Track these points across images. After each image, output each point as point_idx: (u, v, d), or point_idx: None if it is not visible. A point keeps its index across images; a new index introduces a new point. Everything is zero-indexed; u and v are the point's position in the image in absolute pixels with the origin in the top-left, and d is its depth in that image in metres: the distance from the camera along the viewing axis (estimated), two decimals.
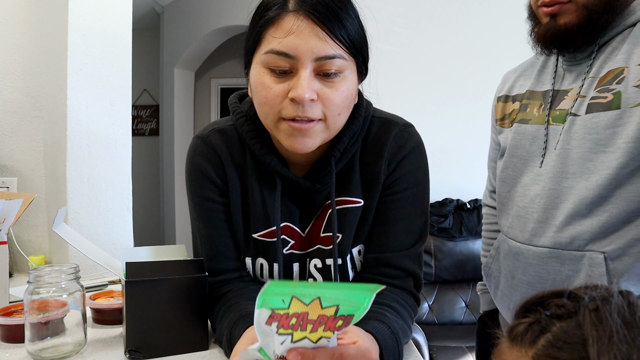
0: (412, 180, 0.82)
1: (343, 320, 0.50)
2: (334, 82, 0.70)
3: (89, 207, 1.53)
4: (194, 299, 0.77)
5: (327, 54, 0.68)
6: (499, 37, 2.88)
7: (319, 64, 0.69)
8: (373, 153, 0.82)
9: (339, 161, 0.80)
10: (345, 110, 0.74)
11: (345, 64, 0.71)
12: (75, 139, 1.50)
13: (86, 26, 1.53)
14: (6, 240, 1.00)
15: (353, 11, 0.73)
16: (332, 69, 0.69)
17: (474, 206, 2.65)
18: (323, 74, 0.70)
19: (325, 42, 0.68)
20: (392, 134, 0.82)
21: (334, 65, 0.69)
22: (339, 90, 0.71)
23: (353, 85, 0.74)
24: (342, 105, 0.72)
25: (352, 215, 0.82)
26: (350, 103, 0.75)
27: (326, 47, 0.68)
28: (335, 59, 0.69)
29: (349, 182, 0.82)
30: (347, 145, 0.80)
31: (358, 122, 0.80)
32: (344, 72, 0.71)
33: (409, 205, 0.82)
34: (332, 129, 0.74)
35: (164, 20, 4.43)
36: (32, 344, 0.74)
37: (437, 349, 2.06)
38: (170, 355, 0.75)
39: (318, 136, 0.73)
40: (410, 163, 0.82)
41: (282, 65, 0.69)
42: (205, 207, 0.83)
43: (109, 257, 0.90)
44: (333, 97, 0.70)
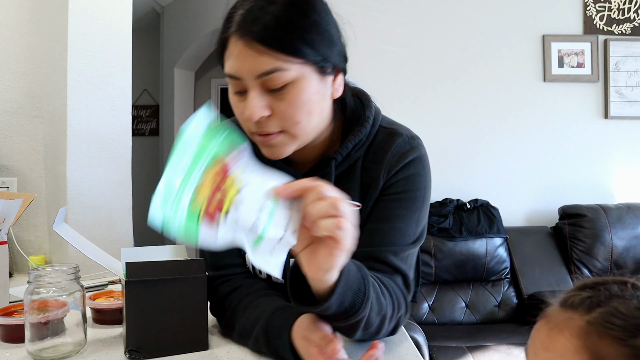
0: (410, 185, 0.82)
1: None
2: (283, 93, 0.69)
3: (89, 207, 1.53)
4: (194, 299, 0.77)
5: (264, 71, 0.67)
6: (499, 37, 2.88)
7: (262, 80, 0.68)
8: (375, 160, 0.82)
9: (340, 165, 0.81)
10: (305, 116, 0.71)
11: (290, 73, 0.68)
12: (75, 139, 1.50)
13: (86, 26, 1.53)
14: (6, 240, 1.00)
15: (304, 15, 0.70)
16: (276, 84, 0.68)
17: (474, 206, 2.65)
18: (271, 90, 0.69)
19: (261, 59, 0.67)
20: (396, 143, 0.82)
21: (276, 80, 0.68)
22: (290, 101, 0.70)
23: (310, 91, 0.71)
24: (298, 113, 0.71)
25: None
26: (312, 108, 0.72)
27: (262, 64, 0.67)
28: (275, 73, 0.68)
29: (349, 185, 0.83)
30: (350, 151, 0.81)
31: (365, 130, 0.81)
32: (294, 81, 0.69)
33: (403, 208, 0.81)
34: (299, 136, 0.73)
35: (164, 20, 4.43)
36: (32, 344, 0.74)
37: (437, 349, 2.06)
38: (170, 355, 0.75)
39: (286, 145, 0.74)
40: (409, 170, 0.82)
41: (236, 86, 0.71)
42: None
43: (109, 257, 0.90)
44: (285, 109, 0.70)
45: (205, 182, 0.51)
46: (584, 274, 2.56)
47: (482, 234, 2.54)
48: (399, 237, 0.80)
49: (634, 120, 2.90)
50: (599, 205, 2.64)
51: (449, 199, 2.68)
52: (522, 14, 2.89)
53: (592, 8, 2.89)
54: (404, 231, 0.80)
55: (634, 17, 2.90)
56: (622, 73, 2.89)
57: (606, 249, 2.53)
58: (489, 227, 2.57)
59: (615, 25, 2.90)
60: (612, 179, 2.91)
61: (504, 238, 2.58)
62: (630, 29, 2.90)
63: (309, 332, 0.65)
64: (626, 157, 2.91)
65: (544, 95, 2.89)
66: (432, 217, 2.56)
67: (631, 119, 2.90)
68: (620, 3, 2.90)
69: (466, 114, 2.86)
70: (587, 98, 2.91)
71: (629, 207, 2.62)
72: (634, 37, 2.90)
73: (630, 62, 2.90)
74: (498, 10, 2.88)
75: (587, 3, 2.89)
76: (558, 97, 2.90)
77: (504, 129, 2.86)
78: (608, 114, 2.88)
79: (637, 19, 2.90)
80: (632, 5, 2.90)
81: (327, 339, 0.62)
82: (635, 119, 2.90)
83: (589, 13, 2.90)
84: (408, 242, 0.81)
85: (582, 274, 2.56)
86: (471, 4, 2.88)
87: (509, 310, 2.48)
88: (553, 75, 2.88)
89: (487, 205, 2.66)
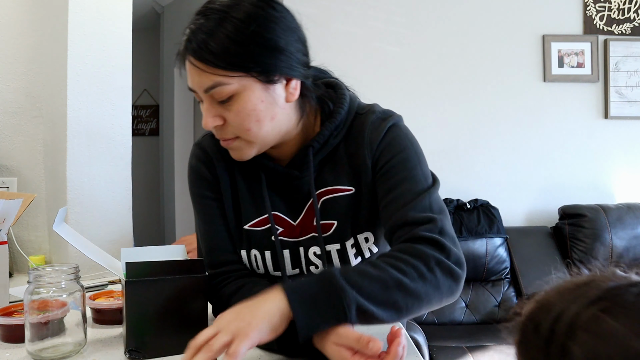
0: (396, 148, 0.83)
1: None
2: (230, 104, 0.75)
3: (89, 207, 1.53)
4: (194, 299, 0.77)
5: (207, 87, 0.74)
6: (499, 37, 2.88)
7: (209, 94, 0.75)
8: (356, 143, 0.85)
9: (319, 152, 0.85)
10: (254, 124, 0.76)
11: (231, 87, 0.73)
12: (75, 139, 1.50)
13: (86, 26, 1.53)
14: (6, 240, 1.00)
15: (239, 30, 0.72)
16: (220, 97, 0.74)
17: (474, 206, 2.65)
18: (219, 101, 0.75)
19: (202, 76, 0.74)
20: (370, 121, 0.85)
21: (218, 93, 0.74)
22: (236, 111, 0.75)
23: (253, 101, 0.75)
24: (245, 122, 0.76)
25: (345, 203, 0.85)
26: (258, 116, 0.76)
27: (204, 81, 0.74)
28: (216, 88, 0.74)
29: (336, 172, 0.85)
30: (328, 138, 0.84)
31: (340, 116, 0.84)
32: (236, 94, 0.74)
33: (401, 171, 0.82)
34: (254, 142, 0.79)
35: (164, 20, 4.43)
36: (32, 344, 0.74)
37: (437, 349, 2.06)
38: (170, 355, 0.75)
39: (244, 149, 0.80)
40: (388, 138, 0.84)
41: (197, 97, 0.79)
42: (202, 204, 0.90)
43: (109, 257, 0.90)
44: (233, 119, 0.76)
45: None
46: (584, 274, 2.55)
47: (482, 234, 2.54)
48: (409, 195, 0.78)
49: (634, 120, 2.90)
50: (599, 205, 2.64)
51: (449, 199, 2.68)
52: (522, 14, 2.89)
53: (592, 8, 2.89)
54: (413, 189, 0.79)
55: (634, 17, 2.90)
56: (622, 73, 2.89)
57: (606, 249, 2.53)
58: (489, 227, 2.57)
59: (615, 25, 2.90)
60: (612, 179, 2.91)
61: (504, 238, 2.58)
62: (630, 29, 2.90)
63: (339, 337, 0.65)
64: (626, 157, 2.91)
65: (544, 95, 2.89)
66: None
67: (631, 119, 2.90)
68: (620, 3, 2.90)
69: (466, 114, 2.86)
70: (587, 98, 2.91)
71: (629, 207, 2.62)
72: (634, 37, 2.90)
73: (630, 62, 2.90)
74: (498, 10, 2.88)
75: (587, 3, 2.89)
76: (558, 97, 2.89)
77: (504, 128, 2.86)
78: (608, 114, 2.88)
79: (637, 19, 2.90)
80: (632, 5, 2.90)
81: (364, 339, 0.63)
82: (635, 119, 2.90)
83: (589, 13, 2.90)
84: (422, 190, 0.79)
85: (582, 274, 2.56)
86: (471, 4, 2.88)
87: (509, 310, 2.48)
88: (553, 75, 2.88)
89: (487, 205, 2.66)
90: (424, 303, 0.69)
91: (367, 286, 0.67)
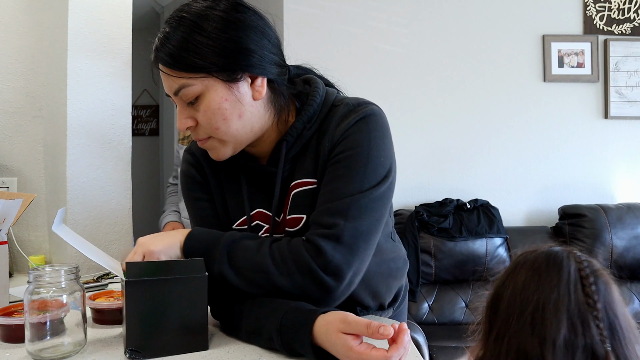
0: (350, 143, 0.81)
1: None
2: (197, 105, 0.79)
3: (89, 207, 1.53)
4: (194, 299, 0.77)
5: (174, 90, 0.79)
6: (499, 37, 2.88)
7: (179, 97, 0.80)
8: (322, 133, 0.85)
9: (293, 146, 0.86)
10: (221, 122, 0.79)
11: (196, 89, 0.78)
12: (75, 139, 1.50)
13: (86, 26, 1.53)
14: (6, 240, 1.00)
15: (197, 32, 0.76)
16: (188, 98, 0.79)
17: (474, 206, 2.65)
18: (188, 103, 0.80)
19: (169, 80, 0.79)
20: (339, 113, 0.85)
21: (185, 95, 0.79)
22: (203, 111, 0.79)
23: (216, 100, 0.78)
24: (213, 121, 0.79)
25: (312, 196, 0.85)
26: (224, 114, 0.79)
27: (171, 84, 0.79)
28: (182, 90, 0.78)
29: (305, 165, 0.86)
30: (301, 131, 0.85)
31: (312, 109, 0.85)
32: (201, 94, 0.78)
33: (343, 167, 0.80)
34: (226, 140, 0.82)
35: (164, 20, 4.43)
36: (32, 344, 0.74)
37: (437, 349, 2.06)
38: (170, 355, 0.75)
39: (219, 148, 0.83)
40: (350, 131, 0.82)
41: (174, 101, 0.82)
42: (196, 206, 0.93)
43: (109, 257, 0.90)
44: (202, 118, 0.80)
45: None
46: None
47: (482, 234, 2.54)
48: (336, 194, 0.79)
49: (634, 120, 2.90)
50: (599, 205, 2.64)
51: (449, 199, 2.68)
52: (522, 14, 2.89)
53: (592, 8, 2.89)
54: (343, 189, 0.78)
55: (634, 17, 2.90)
56: (622, 73, 2.89)
57: (606, 249, 2.52)
58: (489, 227, 2.57)
59: (615, 25, 2.90)
60: (612, 179, 2.91)
61: (504, 238, 2.58)
62: (630, 29, 2.90)
63: (347, 325, 0.66)
64: (626, 157, 2.91)
65: (544, 95, 2.89)
66: (432, 217, 2.57)
67: (631, 119, 2.90)
68: (620, 3, 2.90)
69: (466, 114, 2.86)
70: (587, 98, 2.91)
71: (629, 207, 2.62)
72: (634, 37, 2.90)
73: (630, 62, 2.90)
74: (498, 10, 2.88)
75: (587, 3, 2.89)
76: (558, 97, 2.90)
77: (504, 128, 2.86)
78: (608, 114, 2.88)
79: (637, 19, 2.90)
80: (632, 5, 2.90)
81: (374, 325, 0.64)
82: (635, 119, 2.90)
83: (589, 13, 2.90)
84: (351, 192, 0.77)
85: None
86: (471, 4, 2.88)
87: None
88: (553, 75, 2.88)
89: (487, 205, 2.66)
90: (280, 294, 0.77)
91: (240, 259, 0.78)
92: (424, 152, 2.80)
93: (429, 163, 2.82)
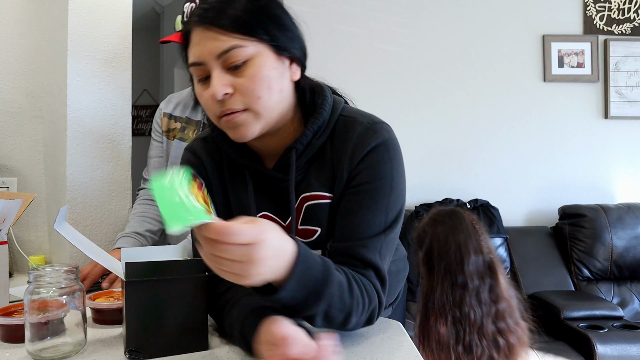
0: (374, 174, 0.82)
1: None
2: (242, 70, 0.76)
3: (89, 207, 1.53)
4: (194, 299, 0.77)
5: (222, 49, 0.75)
6: (499, 37, 2.88)
7: (222, 60, 0.75)
8: (340, 150, 0.85)
9: (303, 154, 0.84)
10: (266, 91, 0.77)
11: (247, 50, 0.75)
12: (75, 139, 1.50)
13: (86, 26, 1.53)
14: (6, 240, 1.00)
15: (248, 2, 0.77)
16: (236, 61, 0.75)
17: (474, 206, 2.65)
18: (232, 67, 0.76)
19: (218, 40, 0.75)
20: (356, 132, 0.84)
21: (235, 56, 0.75)
22: (250, 76, 0.76)
23: (267, 67, 0.77)
24: (258, 88, 0.76)
25: (326, 211, 0.85)
26: (271, 83, 0.77)
27: (220, 44, 0.75)
28: (232, 51, 0.74)
29: (321, 177, 0.85)
30: (311, 139, 0.84)
31: (322, 116, 0.84)
32: (251, 58, 0.76)
33: (369, 198, 0.82)
34: (262, 114, 0.78)
35: (164, 20, 4.43)
36: (32, 344, 0.74)
37: None
38: (170, 355, 0.75)
39: (250, 124, 0.79)
40: (372, 158, 0.83)
41: (200, 73, 0.78)
42: None
43: (109, 257, 0.90)
44: (245, 84, 0.76)
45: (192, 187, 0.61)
46: (584, 274, 2.56)
47: None
48: (367, 229, 0.81)
49: (634, 120, 2.90)
50: (599, 205, 2.64)
51: (449, 199, 2.68)
52: (522, 14, 2.89)
53: (592, 8, 2.89)
54: (372, 222, 0.81)
55: (634, 17, 2.90)
56: (622, 73, 2.89)
57: (606, 249, 2.52)
58: (489, 227, 2.57)
59: (615, 25, 2.90)
60: (612, 179, 2.91)
61: (504, 238, 2.58)
62: (630, 29, 2.90)
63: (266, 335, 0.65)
64: (626, 157, 2.91)
65: (544, 95, 2.89)
66: None
67: (631, 119, 2.90)
68: (620, 3, 2.90)
69: (466, 114, 2.86)
70: (587, 98, 2.91)
71: (629, 207, 2.62)
72: (634, 37, 2.90)
73: (630, 62, 2.90)
74: (498, 10, 2.89)
75: (587, 3, 2.89)
76: (558, 97, 2.90)
77: (504, 128, 2.86)
78: (608, 114, 2.88)
79: (637, 19, 2.90)
80: (632, 5, 2.90)
81: (275, 341, 0.61)
82: (635, 119, 2.90)
83: (589, 13, 2.90)
84: (377, 232, 0.81)
85: (582, 273, 2.56)
86: (471, 4, 2.89)
87: None
88: (553, 75, 2.88)
89: (487, 205, 2.66)
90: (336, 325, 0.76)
91: (335, 296, 0.71)
92: (424, 152, 2.80)
93: (429, 163, 2.82)
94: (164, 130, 1.54)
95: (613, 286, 2.54)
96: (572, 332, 2.07)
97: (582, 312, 2.17)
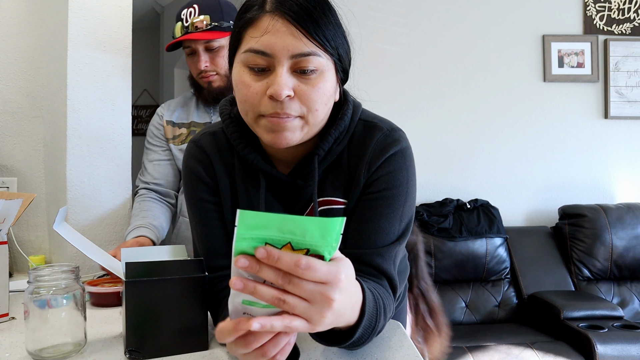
0: (392, 182, 0.82)
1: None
2: (310, 78, 0.73)
3: (89, 207, 1.53)
4: (194, 299, 0.77)
5: (302, 52, 0.71)
6: (499, 37, 2.89)
7: (295, 61, 0.72)
8: (357, 155, 0.84)
9: (322, 160, 0.83)
10: (322, 106, 0.75)
11: (321, 61, 0.73)
12: (75, 139, 1.50)
13: (86, 26, 1.53)
14: (6, 240, 1.00)
15: (330, 12, 0.76)
16: (308, 66, 0.72)
17: (474, 206, 2.65)
18: (300, 71, 0.72)
19: (300, 40, 0.71)
20: (376, 138, 0.83)
21: (309, 62, 0.72)
22: (316, 86, 0.73)
23: (330, 83, 0.75)
24: (319, 101, 0.74)
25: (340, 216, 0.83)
26: (328, 100, 0.76)
27: (301, 45, 0.71)
28: (310, 56, 0.72)
29: (336, 182, 0.84)
30: (332, 145, 0.82)
31: (344, 123, 0.82)
32: (321, 69, 0.73)
33: (386, 206, 0.81)
34: (311, 125, 0.76)
35: (164, 20, 4.43)
36: (32, 343, 0.74)
37: None
38: (170, 355, 0.75)
39: (297, 131, 0.75)
40: (390, 165, 0.82)
41: (260, 63, 0.72)
42: (199, 207, 0.87)
43: (109, 257, 0.90)
44: (310, 93, 0.73)
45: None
46: (584, 274, 2.56)
47: (482, 234, 2.54)
48: (383, 236, 0.80)
49: (634, 120, 2.91)
50: (599, 205, 2.64)
51: (449, 199, 2.68)
52: (522, 14, 2.89)
53: (592, 8, 2.89)
54: (387, 230, 0.81)
55: (634, 17, 2.90)
56: (622, 73, 2.90)
57: (606, 249, 2.53)
58: (489, 227, 2.57)
59: (615, 25, 2.90)
60: (612, 179, 2.91)
61: (504, 238, 2.58)
62: (630, 29, 2.90)
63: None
64: (626, 157, 2.92)
65: (544, 95, 2.89)
66: (432, 217, 2.57)
67: (631, 119, 2.90)
68: (620, 3, 2.90)
69: (466, 114, 2.86)
70: (587, 98, 2.91)
71: (629, 207, 2.62)
72: (634, 37, 2.90)
73: (630, 62, 2.90)
74: (498, 10, 2.89)
75: (587, 3, 2.89)
76: (558, 97, 2.90)
77: (504, 128, 2.87)
78: (608, 114, 2.88)
79: (637, 19, 2.90)
80: (632, 5, 2.90)
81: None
82: (635, 119, 2.90)
83: (589, 13, 2.90)
84: (392, 240, 0.81)
85: (582, 273, 2.56)
86: (471, 4, 2.89)
87: (509, 310, 2.48)
88: (553, 75, 2.88)
89: (487, 205, 2.67)
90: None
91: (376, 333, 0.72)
92: (424, 152, 2.80)
93: (429, 163, 2.82)
94: (169, 138, 1.54)
95: (613, 286, 2.54)
96: (572, 332, 2.08)
97: (582, 312, 2.17)
